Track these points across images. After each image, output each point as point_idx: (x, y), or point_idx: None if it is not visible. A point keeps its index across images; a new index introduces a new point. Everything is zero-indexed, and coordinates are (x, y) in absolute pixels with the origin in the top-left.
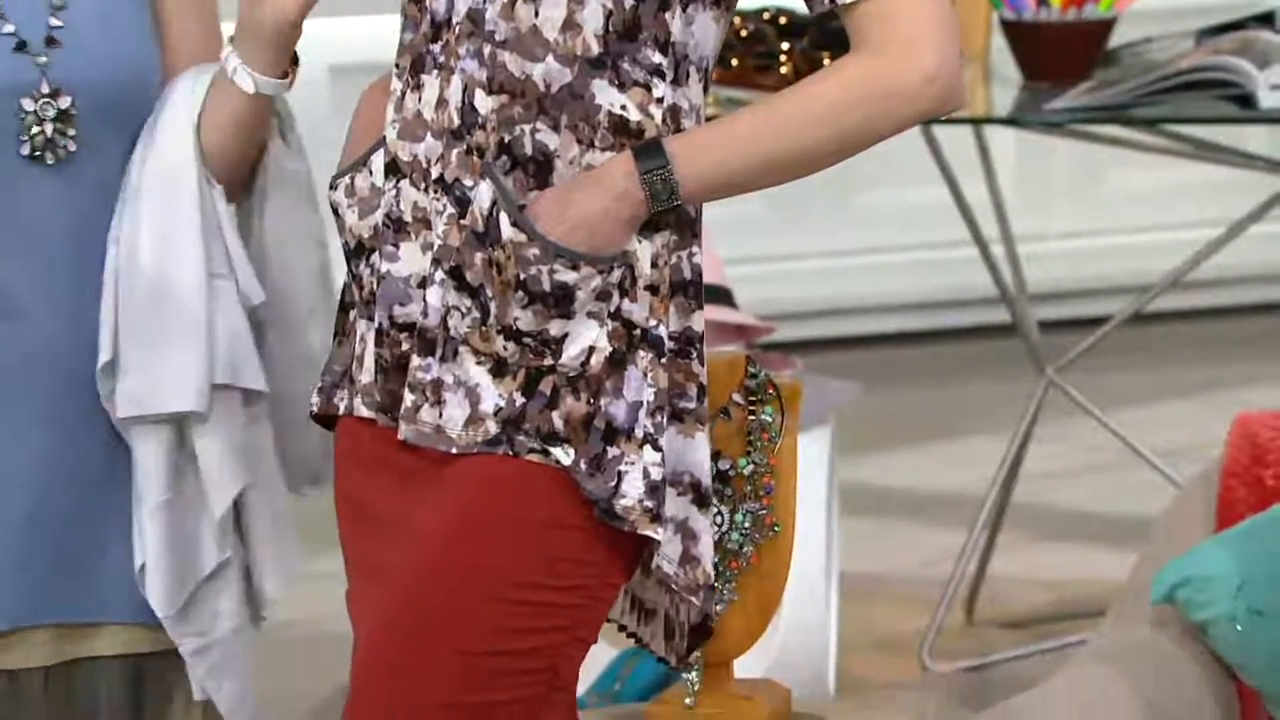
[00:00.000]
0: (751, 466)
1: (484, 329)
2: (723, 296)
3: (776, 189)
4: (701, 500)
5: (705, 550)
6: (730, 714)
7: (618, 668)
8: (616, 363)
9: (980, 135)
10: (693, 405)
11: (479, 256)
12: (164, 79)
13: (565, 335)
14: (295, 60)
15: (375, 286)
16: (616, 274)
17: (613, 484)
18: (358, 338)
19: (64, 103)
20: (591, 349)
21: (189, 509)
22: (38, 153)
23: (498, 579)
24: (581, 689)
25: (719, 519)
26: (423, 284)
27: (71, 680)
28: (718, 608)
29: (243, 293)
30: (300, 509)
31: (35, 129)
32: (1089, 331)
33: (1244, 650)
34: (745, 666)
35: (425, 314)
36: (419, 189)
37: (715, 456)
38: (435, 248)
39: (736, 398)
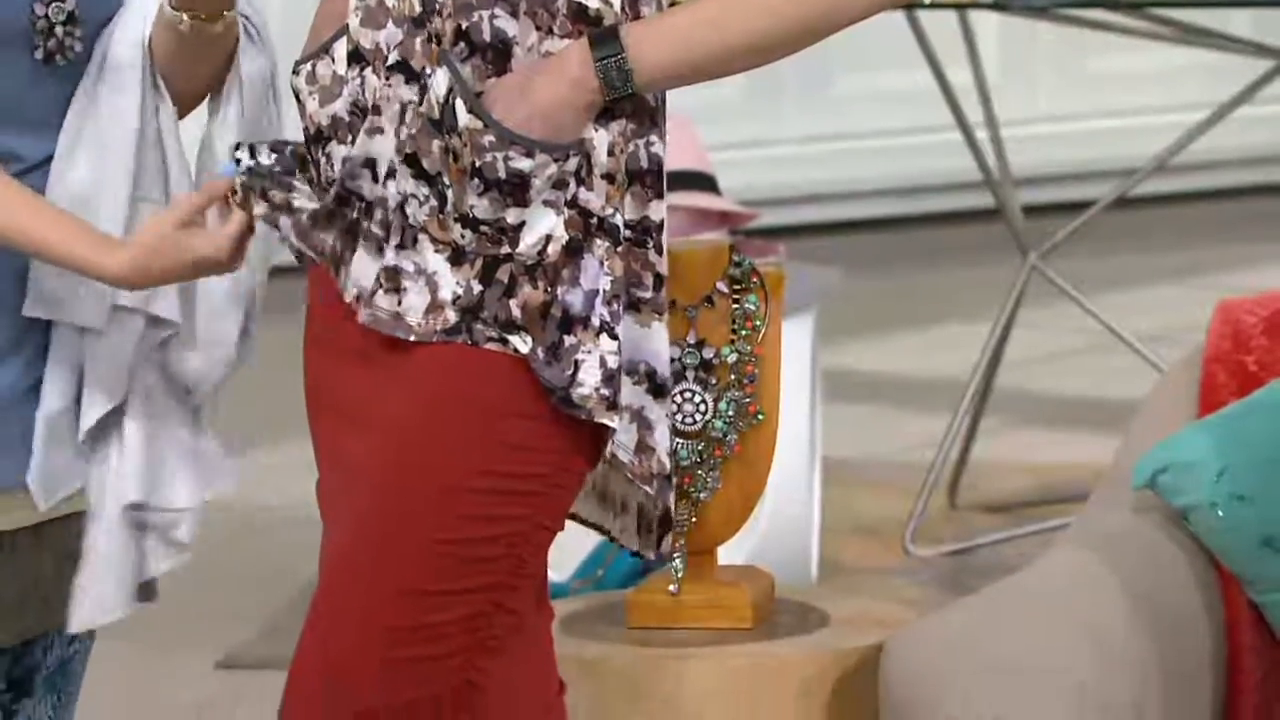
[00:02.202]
0: (735, 355)
1: (441, 217)
2: (706, 183)
3: (758, 72)
4: (658, 390)
5: (661, 439)
6: (714, 601)
7: (601, 554)
8: (573, 251)
9: (964, 19)
10: (649, 294)
11: (436, 144)
12: None
13: (522, 223)
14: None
15: (332, 174)
16: (572, 162)
17: (569, 372)
18: None
19: (70, 4)
20: (548, 237)
21: (67, 420)
22: (51, 56)
23: (454, 467)
24: (565, 575)
25: (703, 407)
26: (368, 164)
27: (64, 534)
28: (702, 495)
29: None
30: (276, 391)
31: (47, 32)
32: (1073, 216)
33: (1225, 536)
34: (728, 553)
35: (385, 196)
36: (378, 76)
37: (700, 345)
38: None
39: (720, 286)
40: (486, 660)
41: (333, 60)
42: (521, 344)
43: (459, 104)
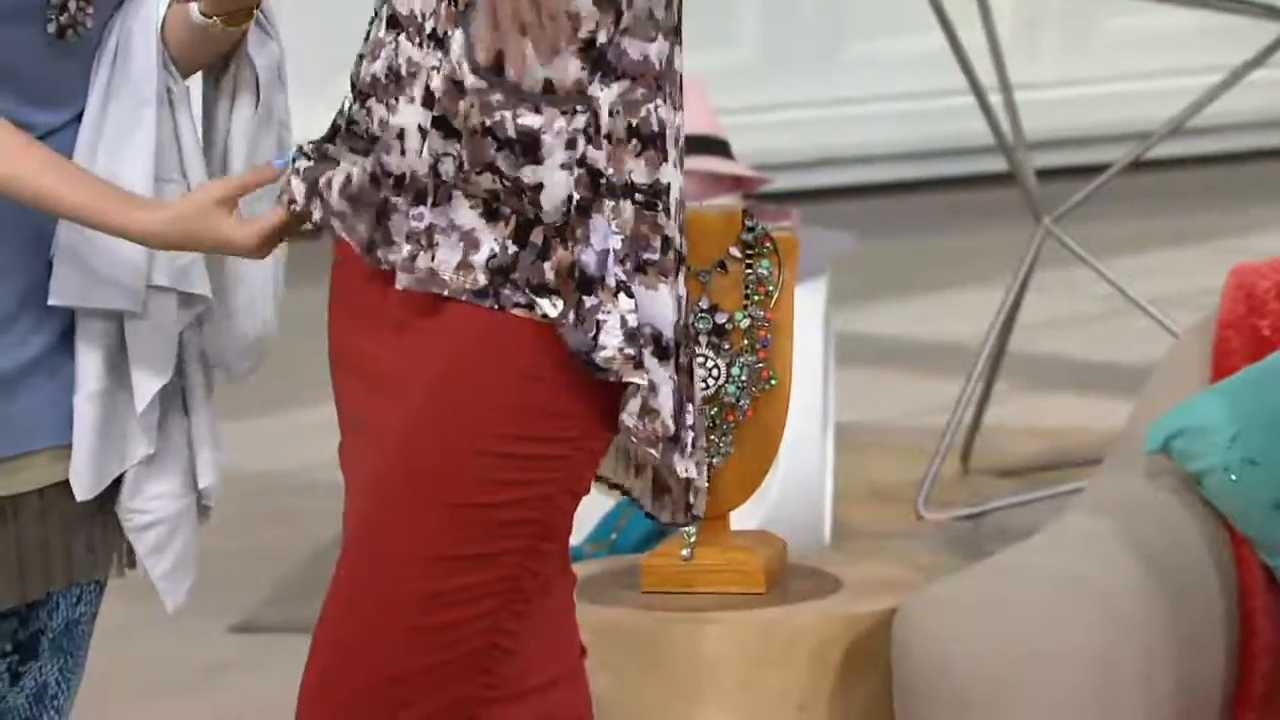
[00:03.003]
0: (748, 320)
1: (466, 172)
2: (719, 148)
3: (771, 37)
4: (663, 353)
5: (665, 403)
6: (727, 566)
7: (614, 518)
8: (583, 210)
9: None
10: (656, 257)
11: (461, 105)
12: None
13: (539, 184)
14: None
15: (373, 128)
16: (580, 119)
17: (592, 334)
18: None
19: None
20: (570, 198)
21: (122, 400)
22: (64, 31)
23: (480, 432)
24: (577, 539)
25: (716, 372)
26: (401, 135)
27: (67, 498)
28: (715, 461)
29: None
30: (291, 357)
31: (61, 7)
32: (1086, 179)
33: (1238, 499)
34: (741, 518)
35: (416, 164)
36: (413, 44)
37: (713, 310)
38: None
39: (733, 251)
40: (514, 624)
41: (382, 23)
42: (551, 308)
43: (464, 65)
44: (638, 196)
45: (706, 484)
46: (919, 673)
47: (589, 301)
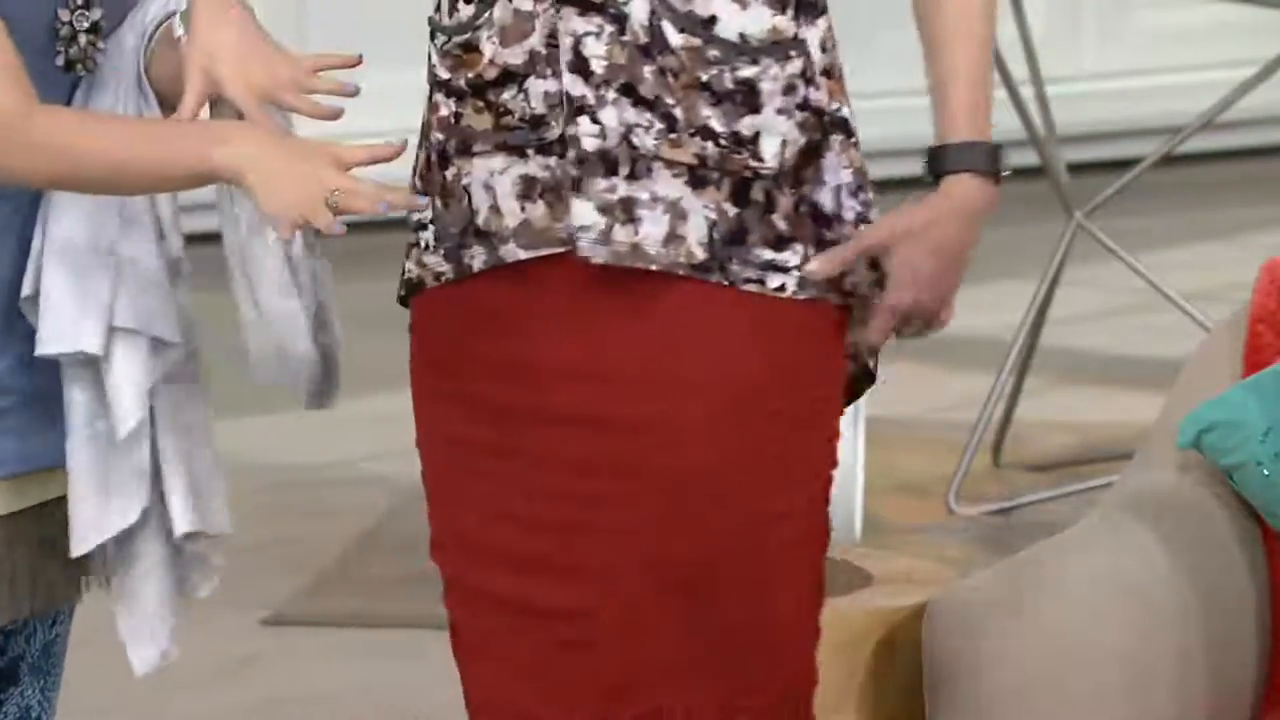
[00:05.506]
0: None
1: (673, 137)
2: None
3: None
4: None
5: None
6: None
7: None
8: (812, 151)
9: None
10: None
11: (648, 69)
12: None
13: (757, 133)
14: None
15: (528, 108)
16: (796, 63)
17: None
18: (479, 184)
19: (95, 14)
20: (784, 143)
21: (110, 448)
22: (73, 64)
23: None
24: None
25: None
26: (579, 110)
27: (38, 523)
28: None
29: (165, 241)
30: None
31: (70, 39)
32: (1118, 174)
33: (1270, 494)
34: None
35: (604, 136)
36: (574, 8)
37: None
38: (599, 70)
39: None
40: None
41: (509, 1)
42: (793, 255)
43: (665, 25)
44: (849, 130)
45: None
46: (949, 667)
47: (829, 236)
